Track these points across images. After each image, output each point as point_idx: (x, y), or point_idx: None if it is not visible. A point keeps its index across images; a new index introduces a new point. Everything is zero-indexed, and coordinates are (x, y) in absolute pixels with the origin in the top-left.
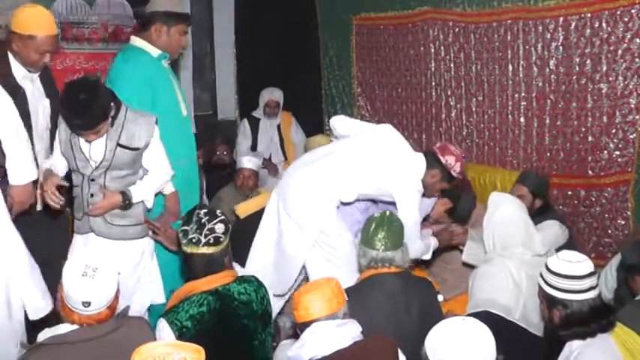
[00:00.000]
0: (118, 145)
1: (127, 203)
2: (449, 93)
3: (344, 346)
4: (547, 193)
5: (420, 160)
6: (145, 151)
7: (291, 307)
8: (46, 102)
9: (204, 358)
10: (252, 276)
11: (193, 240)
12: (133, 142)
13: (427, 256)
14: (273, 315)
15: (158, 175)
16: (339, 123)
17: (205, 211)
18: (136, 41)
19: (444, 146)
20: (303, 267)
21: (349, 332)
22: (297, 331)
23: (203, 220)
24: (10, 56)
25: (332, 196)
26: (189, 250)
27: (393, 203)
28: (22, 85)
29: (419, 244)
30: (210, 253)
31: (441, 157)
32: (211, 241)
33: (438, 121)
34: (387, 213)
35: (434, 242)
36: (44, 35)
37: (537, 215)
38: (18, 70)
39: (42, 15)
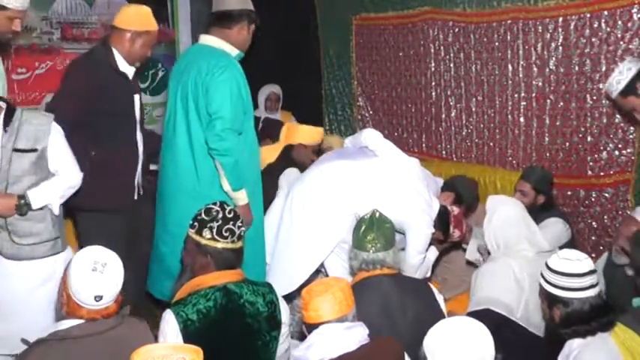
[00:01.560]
0: (14, 150)
1: (22, 203)
2: (449, 93)
3: (351, 349)
4: (551, 190)
5: (436, 206)
6: (48, 154)
7: (300, 304)
8: (137, 96)
9: (204, 356)
10: (266, 282)
11: (225, 234)
12: (29, 144)
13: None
14: None
15: (64, 177)
16: (371, 136)
17: (229, 208)
18: (213, 41)
19: (460, 220)
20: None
21: (357, 335)
22: (303, 329)
23: (231, 216)
24: (115, 51)
25: (354, 210)
26: (220, 245)
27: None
28: None
29: (417, 273)
30: (239, 247)
31: (450, 225)
32: (242, 234)
33: (438, 121)
34: (377, 214)
35: (433, 254)
36: (155, 30)
37: (541, 212)
38: (121, 64)
39: (150, 13)
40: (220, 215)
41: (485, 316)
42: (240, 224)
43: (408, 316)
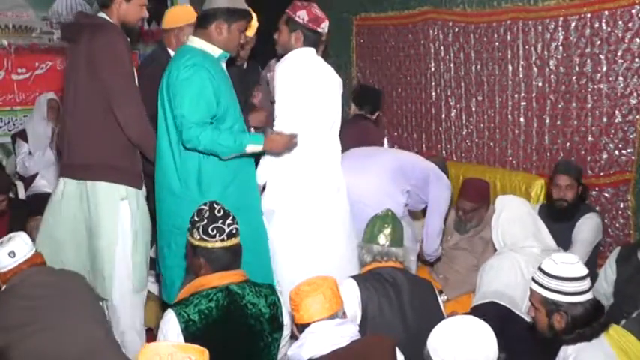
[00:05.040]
0: None
1: None
2: (449, 93)
3: (342, 345)
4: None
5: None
6: None
7: (290, 306)
8: None
9: (208, 356)
10: (268, 283)
11: (212, 233)
12: None
13: None
14: None
15: None
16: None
17: (218, 207)
18: (194, 41)
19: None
20: None
21: (347, 331)
22: (294, 330)
23: (220, 214)
24: (170, 50)
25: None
26: (210, 245)
27: None
28: None
29: None
30: (232, 245)
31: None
32: (234, 231)
33: (438, 121)
34: (390, 213)
35: None
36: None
37: (580, 203)
38: None
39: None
40: (207, 214)
41: (489, 309)
42: (230, 222)
43: (416, 309)
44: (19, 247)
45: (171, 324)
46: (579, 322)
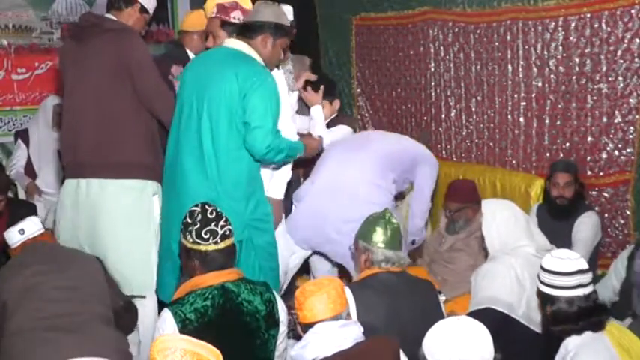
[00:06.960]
0: None
1: None
2: (448, 93)
3: (346, 347)
4: None
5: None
6: None
7: (295, 305)
8: None
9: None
10: (263, 281)
11: (205, 236)
12: None
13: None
14: None
15: None
16: None
17: (210, 209)
18: (244, 47)
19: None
20: None
21: (351, 333)
22: (297, 329)
23: (212, 216)
24: (188, 50)
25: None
26: (203, 248)
27: None
28: None
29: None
30: (225, 247)
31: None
32: (227, 232)
33: (438, 121)
34: (388, 214)
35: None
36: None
37: (579, 200)
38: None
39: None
40: (200, 217)
41: (486, 315)
42: (223, 223)
43: (415, 315)
44: (28, 226)
45: (167, 323)
46: (562, 317)
